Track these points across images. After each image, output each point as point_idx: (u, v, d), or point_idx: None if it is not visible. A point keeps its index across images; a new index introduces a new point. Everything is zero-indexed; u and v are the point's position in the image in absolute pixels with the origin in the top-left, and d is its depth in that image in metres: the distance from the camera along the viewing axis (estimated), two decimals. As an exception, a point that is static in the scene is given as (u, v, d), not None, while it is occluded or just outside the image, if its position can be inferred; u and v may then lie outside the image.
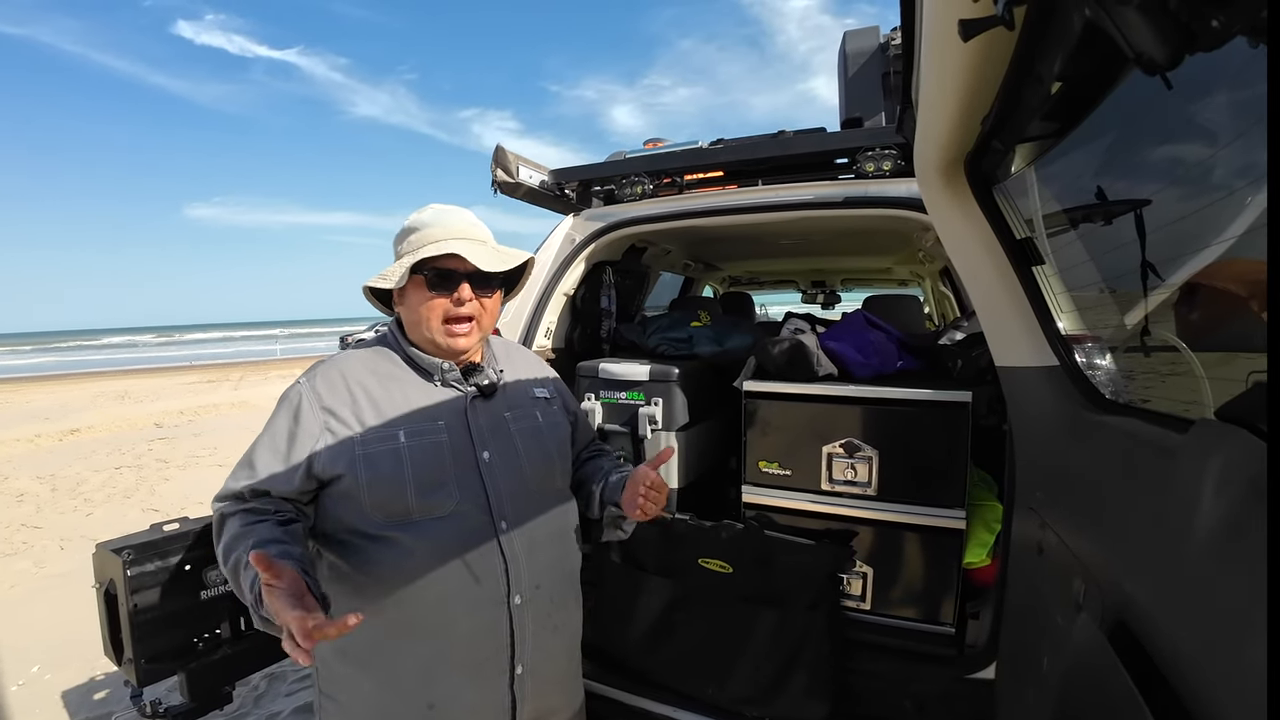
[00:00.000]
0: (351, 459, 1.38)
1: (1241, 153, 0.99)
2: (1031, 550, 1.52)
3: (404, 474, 1.40)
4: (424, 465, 1.42)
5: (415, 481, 1.40)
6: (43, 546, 5.58)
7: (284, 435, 1.40)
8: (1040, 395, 1.56)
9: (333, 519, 1.43)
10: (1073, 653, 1.07)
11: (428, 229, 1.47)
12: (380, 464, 1.39)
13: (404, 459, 1.41)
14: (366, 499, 1.38)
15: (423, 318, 1.48)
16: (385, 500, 1.39)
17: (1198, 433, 0.85)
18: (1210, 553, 0.73)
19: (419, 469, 1.41)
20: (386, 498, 1.39)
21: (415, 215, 1.51)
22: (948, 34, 0.83)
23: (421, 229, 1.48)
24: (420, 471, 1.41)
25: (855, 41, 3.81)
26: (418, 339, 1.52)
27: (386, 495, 1.39)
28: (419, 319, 1.48)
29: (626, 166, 2.77)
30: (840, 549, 2.12)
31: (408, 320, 1.52)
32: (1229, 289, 1.10)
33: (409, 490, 1.39)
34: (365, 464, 1.38)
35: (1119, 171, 1.35)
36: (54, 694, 3.37)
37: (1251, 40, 0.61)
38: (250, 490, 1.37)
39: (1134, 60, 0.69)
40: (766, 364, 2.39)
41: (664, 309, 4.03)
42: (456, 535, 1.43)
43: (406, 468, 1.40)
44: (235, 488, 1.38)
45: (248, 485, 1.37)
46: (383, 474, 1.39)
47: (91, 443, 10.17)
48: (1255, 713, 0.61)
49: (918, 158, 1.48)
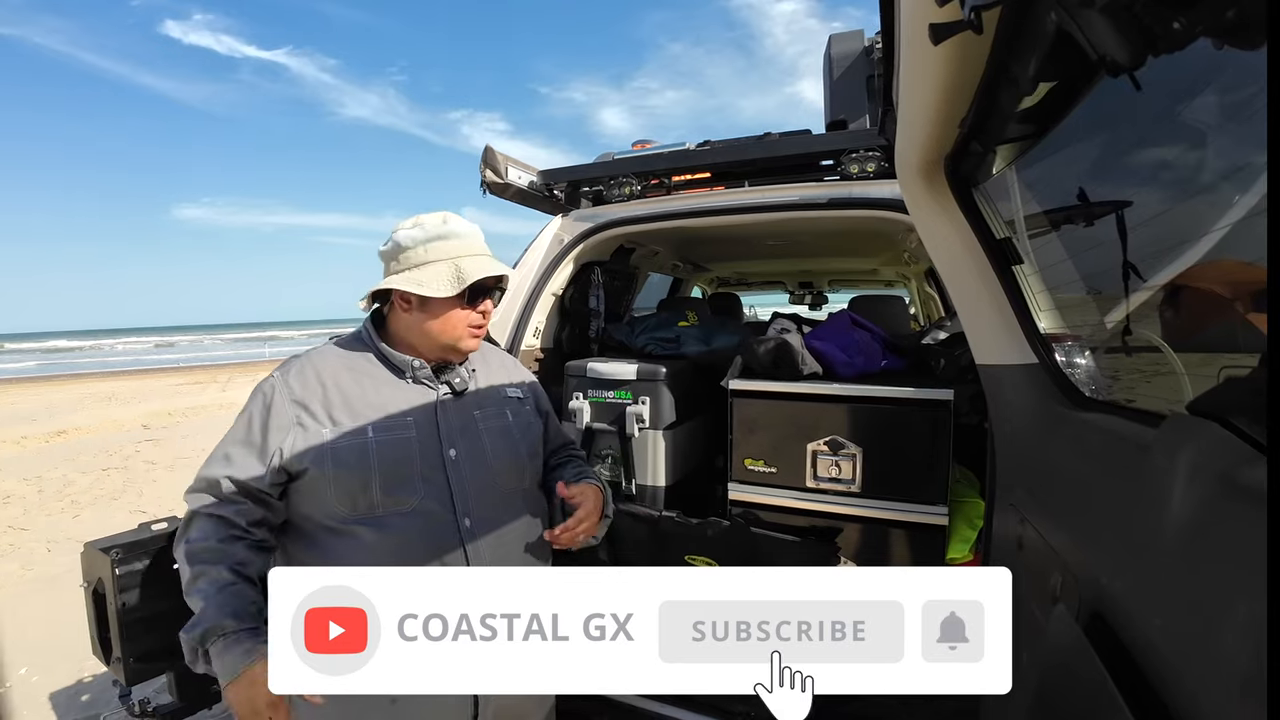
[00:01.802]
0: (320, 453, 1.41)
1: (1216, 153, 1.02)
2: (1012, 545, 1.54)
3: (370, 468, 1.42)
4: (390, 460, 1.44)
5: (381, 476, 1.43)
6: (30, 548, 5.54)
7: (258, 427, 1.44)
8: (1020, 393, 1.58)
9: (298, 512, 1.46)
10: (1050, 644, 1.09)
11: (462, 239, 1.50)
12: (347, 458, 1.42)
13: (370, 453, 1.43)
14: (332, 492, 1.41)
15: (450, 326, 1.51)
16: (350, 493, 1.42)
17: (1169, 426, 0.86)
18: (1182, 544, 0.75)
19: (385, 464, 1.44)
20: (351, 491, 1.42)
21: (435, 223, 1.51)
22: (923, 37, 0.84)
23: (452, 238, 1.49)
24: (386, 466, 1.44)
25: (840, 45, 3.84)
26: (425, 343, 1.54)
27: (351, 489, 1.42)
28: (443, 327, 1.51)
29: (615, 167, 2.79)
30: (825, 545, 2.14)
31: (422, 326, 1.52)
32: (1207, 289, 1.12)
33: (374, 484, 1.42)
34: (332, 458, 1.42)
35: (1095, 173, 1.37)
36: (42, 696, 3.35)
37: (1216, 42, 0.63)
38: (226, 482, 1.40)
39: (1099, 63, 0.71)
40: (752, 363, 2.41)
41: (652, 310, 4.04)
42: (419, 531, 1.45)
43: (373, 462, 1.43)
44: (210, 475, 1.42)
45: (224, 473, 1.40)
46: (348, 468, 1.42)
47: (78, 444, 10.10)
48: (1228, 698, 0.63)
49: (899, 159, 1.49)
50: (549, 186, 2.81)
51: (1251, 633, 0.59)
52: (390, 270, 1.51)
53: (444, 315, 1.50)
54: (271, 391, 1.47)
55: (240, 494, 1.41)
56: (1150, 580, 0.83)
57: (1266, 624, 0.50)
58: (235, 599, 1.34)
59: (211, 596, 1.33)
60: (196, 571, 1.35)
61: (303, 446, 1.42)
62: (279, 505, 1.46)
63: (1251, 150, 0.90)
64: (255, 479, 1.41)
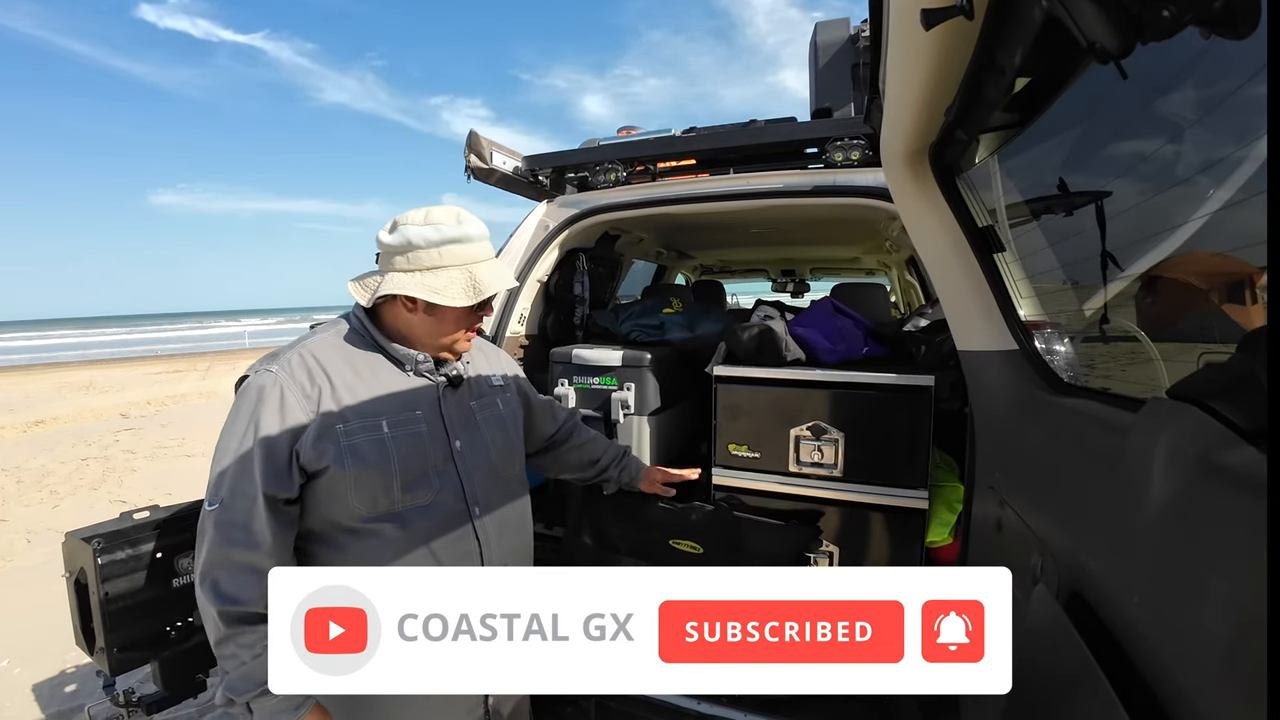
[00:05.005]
0: (338, 450, 1.36)
1: (1196, 146, 1.03)
2: (991, 528, 1.56)
3: (391, 466, 1.40)
4: (408, 456, 1.43)
5: (401, 474, 1.41)
6: (9, 540, 5.48)
7: (272, 427, 1.35)
8: (1000, 379, 1.61)
9: (314, 514, 1.41)
10: (1030, 623, 1.11)
11: (476, 243, 1.46)
12: (366, 455, 1.39)
13: (390, 450, 1.41)
14: (352, 492, 1.38)
15: (451, 329, 1.50)
16: (370, 493, 1.39)
17: (1149, 410, 0.87)
18: (1160, 524, 0.76)
19: (404, 460, 1.42)
20: (372, 490, 1.39)
21: (449, 224, 1.44)
22: (912, 24, 0.85)
23: (467, 242, 1.44)
24: (405, 463, 1.42)
25: (826, 33, 3.85)
26: (423, 342, 1.52)
27: (372, 487, 1.39)
28: (444, 330, 1.50)
29: (600, 154, 2.78)
30: (807, 529, 2.16)
31: (425, 327, 1.50)
32: (1186, 280, 1.14)
33: (395, 483, 1.40)
34: (351, 455, 1.37)
35: (1078, 163, 1.39)
36: (24, 688, 3.34)
37: (1203, 31, 0.64)
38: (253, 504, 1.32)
39: (1088, 49, 0.72)
40: (736, 349, 2.42)
41: (636, 298, 4.05)
42: (439, 524, 1.46)
43: (393, 459, 1.41)
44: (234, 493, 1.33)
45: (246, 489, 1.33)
46: (369, 466, 1.38)
47: (57, 434, 9.98)
48: (1203, 671, 0.64)
49: (884, 147, 1.51)
50: (534, 172, 2.80)
51: (1228, 608, 0.61)
52: (397, 266, 1.43)
53: (451, 321, 1.49)
54: (279, 386, 1.38)
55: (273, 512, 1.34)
56: (1129, 559, 0.84)
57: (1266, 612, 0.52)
58: None
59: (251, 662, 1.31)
60: (234, 633, 1.30)
61: (321, 444, 1.36)
62: (298, 512, 1.41)
63: (1231, 143, 0.91)
64: (284, 487, 1.34)
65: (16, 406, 12.86)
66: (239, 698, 1.31)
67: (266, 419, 1.35)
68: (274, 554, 1.33)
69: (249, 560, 1.31)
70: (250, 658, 1.30)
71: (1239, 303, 1.03)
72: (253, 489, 1.32)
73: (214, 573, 1.32)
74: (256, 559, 1.31)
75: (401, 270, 1.43)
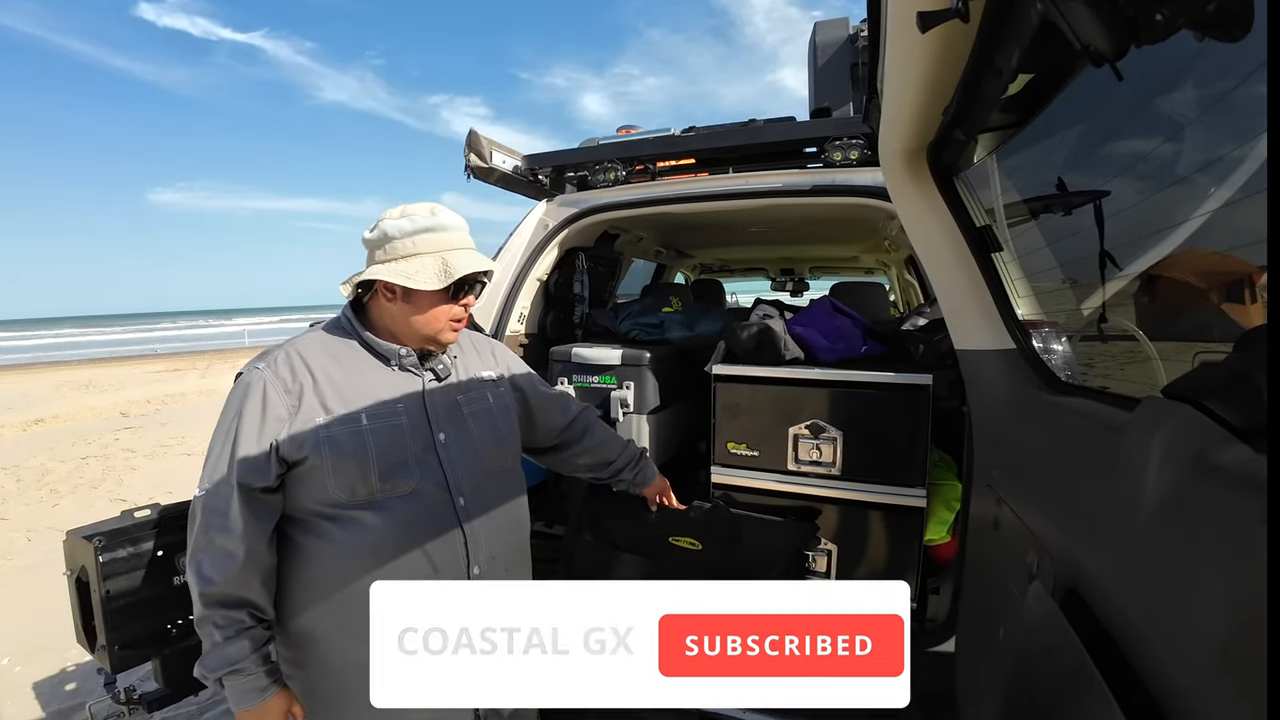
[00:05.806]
0: (317, 440, 1.42)
1: (1193, 146, 1.04)
2: (988, 526, 1.57)
3: (368, 455, 1.44)
4: (385, 448, 1.47)
5: (378, 462, 1.45)
6: (9, 539, 5.47)
7: (255, 421, 1.42)
8: (998, 378, 1.61)
9: (296, 502, 1.46)
10: (1027, 621, 1.12)
11: (449, 232, 1.51)
12: (344, 445, 1.43)
13: (367, 440, 1.45)
14: (331, 480, 1.42)
15: (433, 318, 1.53)
16: (349, 481, 1.43)
17: (1145, 409, 0.88)
18: (1155, 522, 0.76)
19: (381, 451, 1.46)
20: (351, 479, 1.43)
21: (423, 215, 1.50)
22: (910, 25, 0.85)
23: (440, 231, 1.50)
24: (382, 453, 1.46)
25: (825, 33, 3.86)
26: (407, 333, 1.55)
27: (351, 476, 1.43)
28: (426, 319, 1.52)
29: (600, 153, 2.79)
30: (805, 527, 2.17)
31: (406, 317, 1.53)
32: (1182, 279, 1.15)
33: (372, 472, 1.44)
34: (329, 445, 1.42)
35: (1074, 163, 1.40)
36: (25, 686, 3.33)
37: (1197, 34, 0.64)
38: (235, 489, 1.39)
39: (1082, 52, 0.73)
40: (735, 348, 2.43)
41: (636, 297, 4.06)
42: (419, 512, 1.49)
43: (370, 449, 1.45)
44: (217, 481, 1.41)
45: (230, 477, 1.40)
46: (347, 455, 1.43)
47: (56, 433, 9.96)
48: (1197, 668, 0.65)
49: (882, 146, 1.51)
50: (533, 171, 2.80)
51: (1223, 606, 0.62)
52: (376, 259, 1.51)
53: (428, 308, 1.51)
54: (262, 384, 1.44)
55: (248, 500, 1.40)
56: (1124, 557, 0.85)
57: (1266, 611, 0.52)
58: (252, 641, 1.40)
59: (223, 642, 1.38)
60: (211, 614, 1.38)
61: (300, 435, 1.42)
62: (279, 500, 1.46)
63: (1225, 143, 0.92)
64: (262, 478, 1.40)
65: (16, 405, 12.84)
66: (211, 674, 1.38)
67: (249, 413, 1.42)
68: (246, 539, 1.39)
69: (225, 545, 1.38)
70: (223, 638, 1.38)
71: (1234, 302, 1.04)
72: (231, 478, 1.40)
73: (199, 555, 1.41)
74: (231, 544, 1.38)
75: (379, 262, 1.50)
